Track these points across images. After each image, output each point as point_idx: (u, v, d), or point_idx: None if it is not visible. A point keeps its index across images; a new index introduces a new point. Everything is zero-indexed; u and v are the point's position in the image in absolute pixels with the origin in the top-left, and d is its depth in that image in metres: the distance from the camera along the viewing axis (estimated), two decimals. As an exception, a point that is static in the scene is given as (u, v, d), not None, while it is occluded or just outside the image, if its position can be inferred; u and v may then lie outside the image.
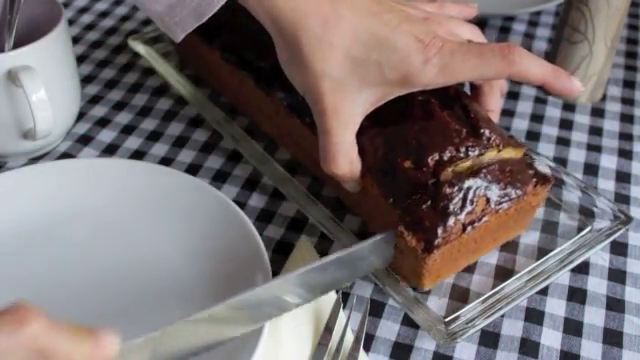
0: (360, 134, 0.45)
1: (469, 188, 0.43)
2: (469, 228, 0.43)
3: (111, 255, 0.48)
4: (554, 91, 0.44)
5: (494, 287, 0.46)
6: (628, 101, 0.66)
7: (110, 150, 0.59)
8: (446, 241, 0.42)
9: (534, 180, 0.46)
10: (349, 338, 0.43)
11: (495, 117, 0.49)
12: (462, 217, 0.43)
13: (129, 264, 0.48)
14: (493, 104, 0.49)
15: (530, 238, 0.51)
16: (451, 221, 0.42)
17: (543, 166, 0.49)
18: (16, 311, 0.28)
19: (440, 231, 0.42)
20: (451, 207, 0.42)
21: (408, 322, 0.45)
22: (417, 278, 0.44)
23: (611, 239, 0.48)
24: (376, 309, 0.46)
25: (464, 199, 0.43)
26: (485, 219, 0.43)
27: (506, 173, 0.45)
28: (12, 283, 0.46)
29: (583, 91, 0.47)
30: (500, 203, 0.44)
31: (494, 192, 0.44)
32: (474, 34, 0.48)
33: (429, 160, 0.44)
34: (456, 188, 0.43)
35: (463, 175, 0.43)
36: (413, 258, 0.43)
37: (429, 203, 0.42)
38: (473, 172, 0.43)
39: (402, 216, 0.43)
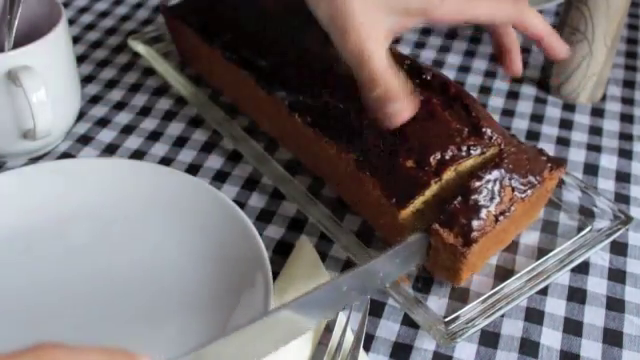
0: (361, 134, 0.45)
1: (495, 180, 0.44)
2: (501, 218, 0.43)
3: (110, 255, 0.48)
4: (546, 49, 0.47)
5: (494, 287, 0.46)
6: (628, 101, 0.65)
7: (110, 150, 0.59)
8: (482, 233, 0.43)
9: (549, 165, 0.47)
10: (349, 338, 0.43)
11: (517, 57, 0.50)
12: (492, 208, 0.43)
13: (128, 264, 0.48)
14: (511, 42, 0.50)
15: (530, 238, 0.51)
16: (483, 213, 0.43)
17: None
18: (34, 351, 0.25)
19: (476, 224, 0.42)
20: (481, 200, 0.43)
21: (408, 322, 0.45)
22: (454, 274, 0.45)
23: (611, 239, 0.48)
24: (376, 309, 0.46)
25: (492, 191, 0.44)
26: (513, 208, 0.44)
27: (524, 162, 0.46)
28: (12, 283, 0.46)
29: (568, 53, 0.49)
30: (524, 191, 0.45)
31: (517, 181, 0.45)
32: None
33: (431, 159, 0.44)
34: (483, 181, 0.43)
35: (487, 168, 0.44)
36: (450, 254, 0.43)
37: (459, 199, 0.43)
38: (495, 163, 0.44)
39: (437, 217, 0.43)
